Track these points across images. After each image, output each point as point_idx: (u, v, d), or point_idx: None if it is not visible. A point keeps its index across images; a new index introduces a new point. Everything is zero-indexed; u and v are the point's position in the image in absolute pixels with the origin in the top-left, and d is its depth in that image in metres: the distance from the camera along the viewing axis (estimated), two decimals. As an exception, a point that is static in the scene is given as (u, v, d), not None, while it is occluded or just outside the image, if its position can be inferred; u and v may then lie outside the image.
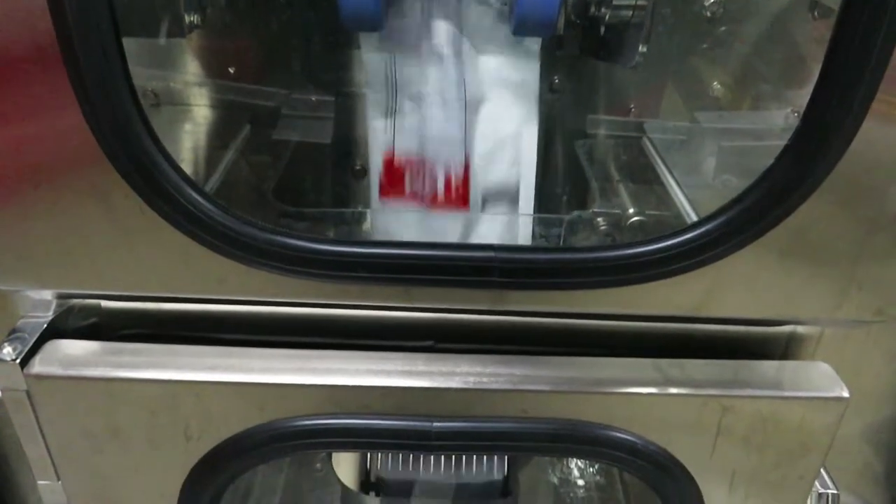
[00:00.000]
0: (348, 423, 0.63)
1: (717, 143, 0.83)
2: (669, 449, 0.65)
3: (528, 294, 0.59)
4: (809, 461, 0.66)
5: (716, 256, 0.56)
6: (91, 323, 0.68)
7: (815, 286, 0.58)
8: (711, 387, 0.63)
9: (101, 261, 0.59)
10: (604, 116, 0.96)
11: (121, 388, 0.62)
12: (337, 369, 0.63)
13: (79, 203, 0.56)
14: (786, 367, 0.65)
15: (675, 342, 0.67)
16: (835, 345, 0.68)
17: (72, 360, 0.62)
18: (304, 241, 0.56)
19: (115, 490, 0.67)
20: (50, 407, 0.63)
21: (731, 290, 0.58)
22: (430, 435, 0.63)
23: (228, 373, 0.62)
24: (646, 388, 0.63)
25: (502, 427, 0.64)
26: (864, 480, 0.79)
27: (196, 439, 0.64)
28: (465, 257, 0.55)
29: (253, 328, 0.68)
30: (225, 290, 0.60)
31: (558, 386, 0.63)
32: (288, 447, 0.64)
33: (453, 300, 0.59)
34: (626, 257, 0.55)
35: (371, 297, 0.59)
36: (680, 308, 0.59)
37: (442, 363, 0.64)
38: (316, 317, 0.67)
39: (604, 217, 0.84)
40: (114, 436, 0.64)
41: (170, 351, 0.64)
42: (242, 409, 0.63)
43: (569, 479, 1.07)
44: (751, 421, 0.63)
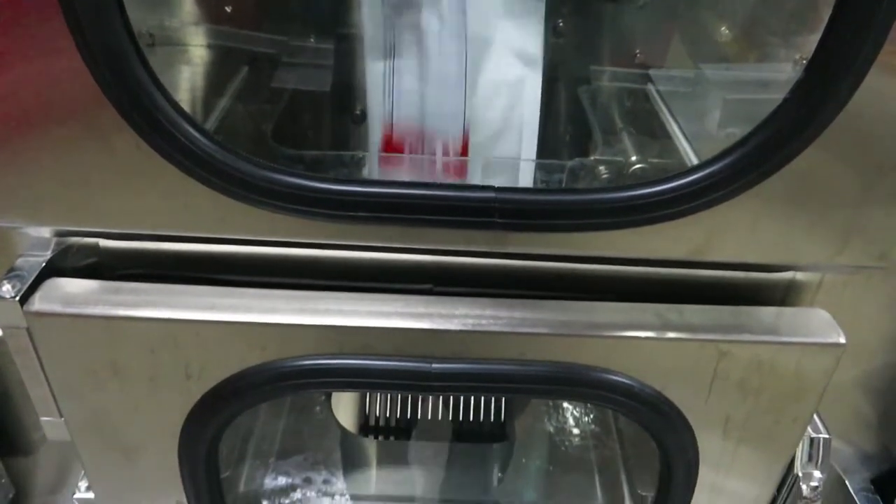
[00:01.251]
0: (348, 363, 0.63)
1: (722, 95, 0.81)
2: (666, 393, 0.66)
3: (529, 236, 0.58)
4: (803, 406, 0.67)
5: (717, 200, 0.56)
6: (90, 263, 0.68)
7: (817, 231, 0.58)
8: (709, 331, 0.63)
9: (98, 198, 0.58)
10: (608, 67, 0.94)
11: (120, 327, 0.62)
12: (337, 310, 0.63)
13: (75, 140, 0.55)
14: (784, 312, 0.65)
15: (674, 288, 0.67)
16: (834, 292, 0.68)
17: (71, 297, 0.63)
18: (303, 180, 0.55)
19: (118, 427, 0.68)
20: (50, 344, 0.64)
21: (732, 235, 0.58)
22: (430, 376, 0.64)
23: (228, 312, 0.62)
24: (644, 332, 0.63)
25: (500, 369, 0.64)
26: (855, 427, 0.80)
27: (196, 378, 0.65)
28: (465, 198, 0.55)
29: (252, 269, 0.67)
30: (223, 230, 0.59)
31: (556, 329, 0.63)
32: (288, 387, 0.65)
33: (453, 242, 0.59)
34: (628, 199, 0.54)
35: (370, 237, 0.59)
36: (680, 252, 0.59)
37: (441, 305, 0.64)
38: (315, 259, 0.67)
39: (606, 165, 0.83)
40: (114, 374, 0.65)
41: (169, 290, 0.64)
42: (242, 348, 0.63)
43: (564, 427, 1.08)
44: (747, 365, 0.64)
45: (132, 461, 0.71)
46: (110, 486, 0.74)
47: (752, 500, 0.75)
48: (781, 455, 0.71)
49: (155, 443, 0.69)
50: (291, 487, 0.96)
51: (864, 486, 0.81)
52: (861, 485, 0.81)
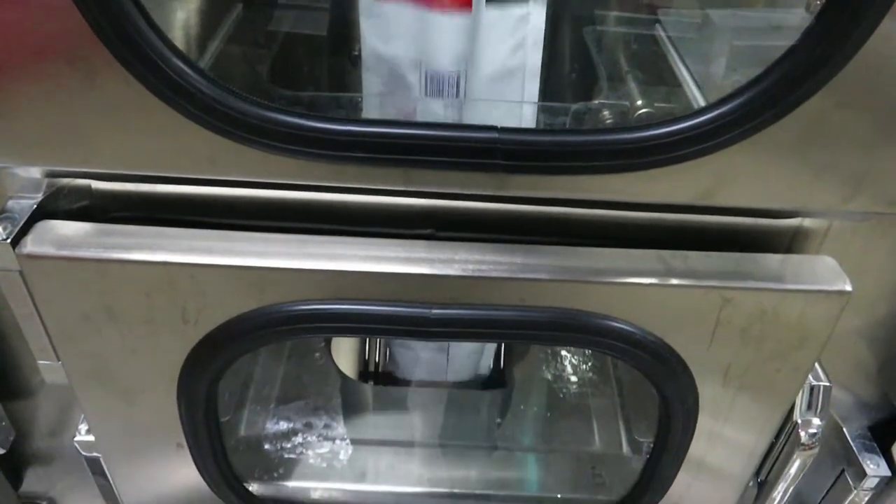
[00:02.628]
0: (347, 308, 0.63)
1: (730, 41, 0.78)
2: (667, 340, 0.65)
3: (531, 179, 0.57)
4: (805, 354, 0.66)
5: (726, 142, 0.54)
6: (82, 206, 0.67)
7: (827, 176, 0.56)
8: (713, 278, 0.62)
9: (88, 137, 0.57)
10: (614, 10, 0.91)
11: (115, 270, 0.61)
12: (336, 254, 0.62)
13: (63, 77, 0.53)
14: (789, 260, 0.64)
15: (678, 234, 0.66)
16: (841, 240, 0.67)
17: (64, 240, 0.61)
18: (299, 119, 0.53)
19: (116, 371, 0.68)
20: (44, 288, 0.63)
21: (741, 179, 0.56)
22: (429, 321, 0.63)
23: (224, 256, 0.61)
24: (647, 279, 0.62)
25: (500, 315, 0.63)
26: (856, 376, 0.80)
27: (193, 322, 0.64)
28: (466, 138, 0.53)
29: (248, 213, 0.66)
30: (216, 170, 0.58)
31: (558, 275, 0.62)
32: (286, 331, 0.64)
33: (454, 184, 0.57)
34: (636, 140, 0.53)
35: (368, 179, 0.57)
36: (687, 196, 0.58)
37: (441, 250, 0.63)
38: (313, 203, 0.65)
39: (610, 109, 0.81)
40: (111, 317, 0.64)
41: (164, 233, 0.63)
42: (239, 292, 0.62)
43: (562, 375, 1.09)
44: (751, 313, 0.63)
45: (131, 404, 0.71)
46: (110, 429, 0.74)
47: (749, 447, 0.76)
48: (781, 403, 0.71)
49: (154, 386, 0.69)
50: (293, 432, 0.97)
51: (861, 434, 0.82)
52: (858, 432, 0.82)
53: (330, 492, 0.92)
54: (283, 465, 0.93)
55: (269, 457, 0.93)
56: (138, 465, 0.79)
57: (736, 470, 0.78)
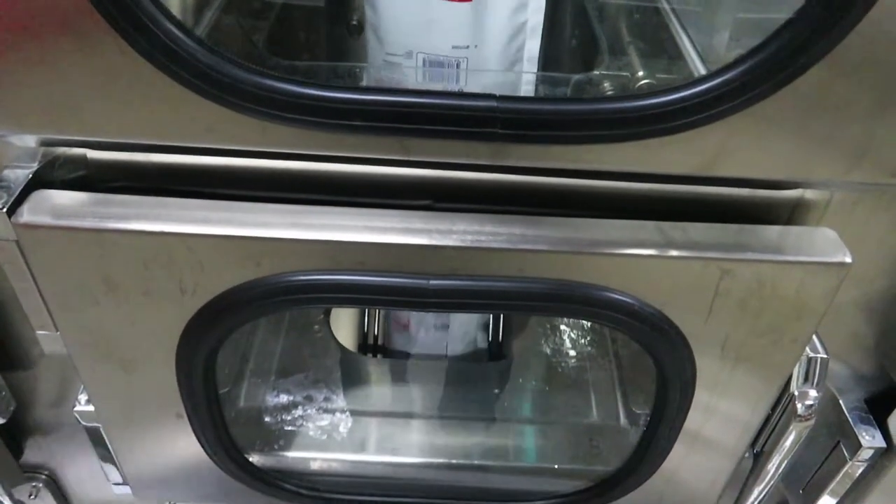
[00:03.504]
0: (345, 278, 0.63)
1: (732, 13, 0.77)
2: (665, 311, 0.65)
3: (531, 148, 0.56)
4: (804, 326, 0.66)
5: (729, 111, 0.53)
6: (78, 176, 0.66)
7: (830, 146, 0.56)
8: (712, 249, 0.62)
9: (83, 105, 0.56)
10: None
11: (112, 240, 0.61)
12: (334, 225, 0.62)
13: (56, 42, 0.52)
14: (789, 231, 0.64)
15: (678, 206, 0.66)
16: (842, 211, 0.66)
17: (60, 209, 0.61)
18: (296, 86, 0.52)
19: (114, 341, 0.68)
20: (41, 258, 0.62)
21: (742, 148, 0.56)
22: (427, 292, 0.63)
23: (221, 226, 0.61)
24: (646, 250, 0.62)
25: (499, 286, 0.63)
26: (853, 348, 0.80)
27: (191, 293, 0.64)
28: (465, 106, 0.52)
29: (245, 183, 0.66)
30: (213, 139, 0.57)
31: (557, 246, 0.62)
32: (283, 302, 0.64)
33: (452, 153, 0.57)
34: (638, 109, 0.52)
35: (367, 148, 0.57)
36: (687, 166, 0.57)
37: (439, 221, 0.63)
38: (310, 173, 0.65)
39: (611, 80, 0.80)
40: (108, 288, 0.64)
41: (161, 203, 0.62)
42: (236, 263, 0.62)
43: (561, 349, 1.09)
44: (749, 284, 0.63)
45: (130, 374, 0.71)
46: (109, 399, 0.75)
47: (746, 419, 0.76)
48: (778, 375, 0.71)
49: (152, 356, 0.69)
50: (293, 405, 0.97)
51: (857, 406, 0.82)
52: (854, 404, 0.82)
53: (329, 462, 0.93)
54: (284, 437, 0.93)
55: (270, 429, 0.94)
56: (138, 435, 0.79)
57: (732, 441, 0.79)
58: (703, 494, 0.86)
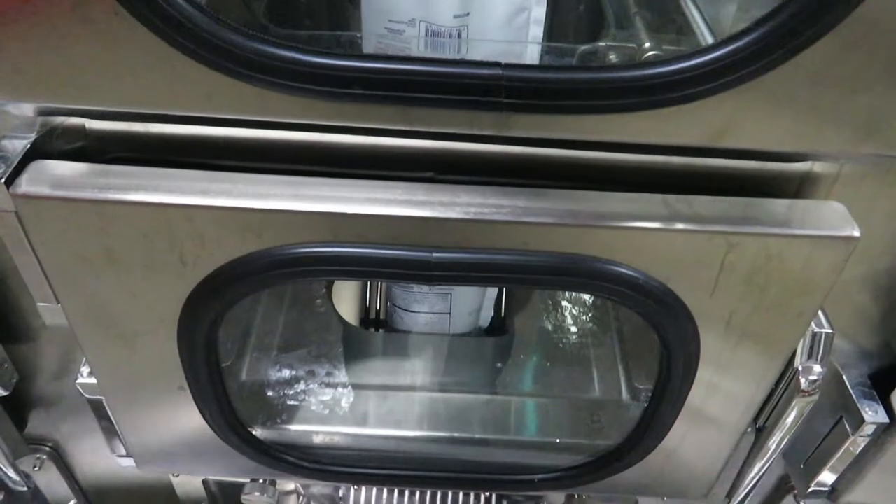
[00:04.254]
0: (347, 251, 0.62)
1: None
2: (670, 286, 0.64)
3: (536, 118, 0.55)
4: (809, 301, 0.66)
5: (739, 80, 0.52)
6: (77, 147, 0.66)
7: (841, 117, 0.55)
8: (719, 223, 0.61)
9: (81, 72, 0.55)
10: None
11: (111, 211, 0.60)
12: (336, 196, 0.61)
13: (53, 7, 0.51)
14: (797, 205, 0.63)
15: (684, 179, 0.65)
16: (851, 185, 0.65)
17: (59, 180, 0.60)
18: (295, 53, 0.51)
19: (115, 313, 0.68)
20: (40, 229, 0.62)
21: (751, 119, 0.55)
22: (430, 265, 0.62)
23: (222, 197, 0.60)
24: (651, 223, 0.61)
25: (502, 259, 0.63)
26: (858, 324, 0.79)
27: (192, 265, 0.64)
28: (469, 74, 0.51)
29: (244, 155, 0.65)
30: (212, 108, 0.56)
31: (561, 218, 0.61)
32: (285, 274, 0.64)
33: (455, 123, 0.56)
34: (645, 78, 0.51)
35: (368, 118, 0.56)
36: (695, 137, 0.56)
37: (442, 193, 0.62)
38: (311, 144, 0.64)
39: (617, 51, 0.78)
40: (108, 259, 0.63)
41: (161, 174, 0.61)
42: (237, 235, 0.62)
43: (562, 324, 1.09)
44: (755, 258, 0.62)
45: (132, 347, 0.71)
46: (111, 371, 0.75)
47: (749, 394, 0.76)
48: (783, 350, 0.71)
49: (154, 329, 0.69)
50: (295, 379, 0.97)
51: (860, 382, 0.82)
52: (858, 380, 0.82)
53: (332, 436, 0.93)
54: (286, 411, 0.93)
55: (272, 403, 0.94)
56: (140, 408, 0.79)
57: (734, 416, 0.78)
58: (705, 469, 0.87)
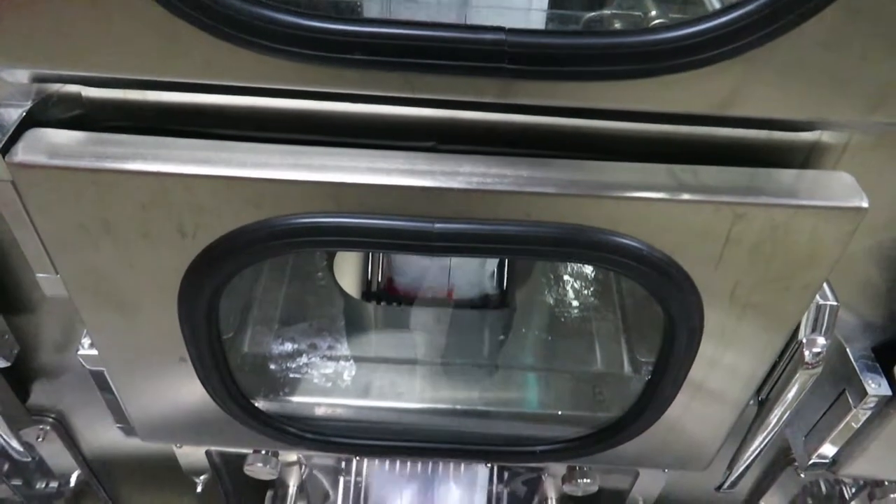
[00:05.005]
0: (348, 221, 0.61)
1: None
2: (675, 257, 0.64)
3: (539, 85, 0.54)
4: (815, 272, 0.65)
5: (748, 46, 0.51)
6: (74, 116, 0.65)
7: (851, 84, 0.54)
8: (725, 193, 0.60)
9: (76, 37, 0.53)
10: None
11: (108, 180, 0.59)
12: (336, 166, 0.60)
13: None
14: (805, 175, 0.62)
15: (691, 148, 0.64)
16: (859, 156, 0.64)
17: (56, 148, 0.59)
18: (294, 17, 0.50)
19: (115, 284, 0.67)
20: (37, 198, 0.61)
21: (762, 85, 0.53)
22: (432, 236, 0.62)
23: (221, 166, 0.59)
24: (656, 193, 0.60)
25: (505, 230, 0.62)
26: (863, 297, 0.79)
27: (191, 236, 0.63)
28: (472, 39, 0.50)
29: (244, 124, 0.64)
30: (211, 74, 0.55)
31: (564, 189, 0.60)
32: (285, 245, 0.63)
33: (458, 91, 0.55)
34: (653, 43, 0.49)
35: (369, 85, 0.55)
36: (703, 105, 0.55)
37: (444, 163, 0.61)
38: (312, 113, 0.63)
39: (623, 19, 0.77)
40: (106, 229, 0.63)
41: (159, 143, 0.61)
42: (236, 204, 0.61)
43: (565, 298, 1.08)
44: (762, 229, 0.61)
45: (132, 318, 0.70)
46: (112, 342, 0.74)
47: (752, 367, 0.76)
48: (787, 322, 0.70)
49: (154, 300, 0.68)
50: (297, 353, 0.97)
51: (864, 354, 0.82)
52: (861, 352, 0.82)
53: (334, 408, 0.94)
54: (289, 384, 0.93)
55: (275, 376, 0.94)
56: (142, 379, 0.79)
57: (736, 389, 0.78)
58: (706, 441, 0.87)
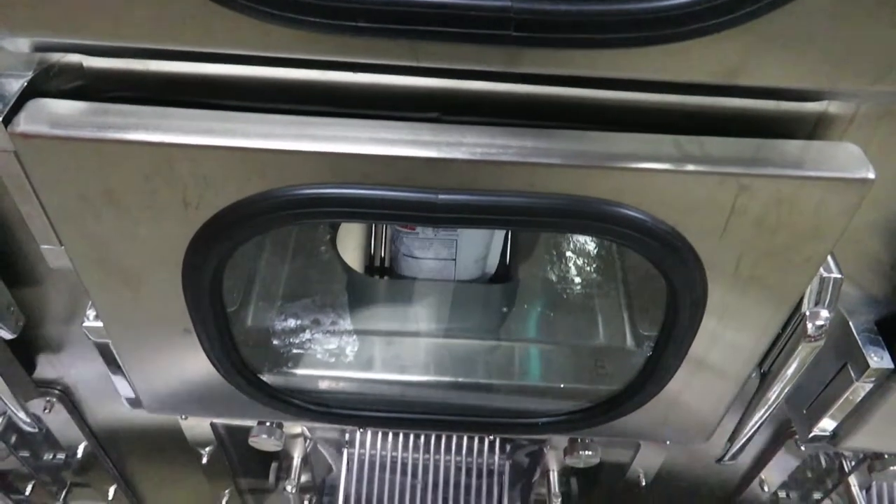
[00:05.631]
0: (351, 192, 0.61)
1: None
2: (679, 229, 0.64)
3: (546, 53, 0.53)
4: (819, 245, 0.65)
5: (759, 11, 0.50)
6: (75, 86, 0.64)
7: (861, 52, 0.53)
8: (730, 164, 0.60)
9: (77, 5, 0.53)
10: None
11: (111, 150, 0.59)
12: (341, 136, 0.60)
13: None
14: (811, 146, 0.62)
15: (696, 119, 0.63)
16: (866, 128, 0.64)
17: (58, 118, 0.59)
18: (297, -17, 0.49)
19: (119, 255, 0.68)
20: (40, 169, 0.61)
21: (772, 53, 0.53)
22: (436, 207, 0.61)
23: (224, 137, 0.59)
24: (661, 164, 0.60)
25: (509, 201, 0.62)
26: (867, 270, 0.79)
27: (195, 207, 0.63)
28: (477, 6, 0.49)
29: (247, 94, 0.63)
30: (212, 43, 0.54)
31: (569, 159, 0.60)
32: (290, 216, 0.63)
33: (463, 59, 0.54)
34: (664, 9, 0.49)
35: (373, 53, 0.54)
36: (711, 73, 0.54)
37: (448, 133, 0.60)
38: (315, 83, 0.62)
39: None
40: (110, 201, 0.63)
41: (162, 113, 0.60)
42: (240, 175, 0.61)
43: (567, 272, 1.08)
44: (767, 201, 0.61)
45: (136, 289, 0.70)
46: (117, 314, 0.75)
47: (754, 340, 0.76)
48: (790, 295, 0.71)
49: (158, 271, 0.69)
50: (300, 328, 0.98)
51: (867, 328, 0.82)
52: (864, 326, 0.82)
53: (337, 381, 0.94)
54: (292, 359, 0.94)
55: (278, 352, 0.94)
56: (147, 351, 0.80)
57: (738, 362, 0.79)
58: (708, 414, 0.87)
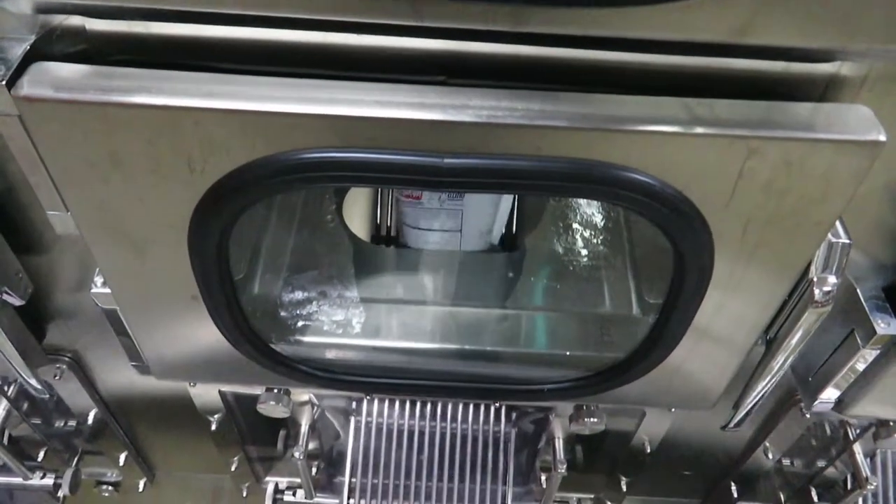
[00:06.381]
0: (357, 155, 0.61)
1: None
2: (686, 193, 0.63)
3: (552, 12, 0.53)
4: (829, 209, 0.64)
5: (770, -33, 0.49)
6: (78, 50, 0.64)
7: (876, 7, 0.52)
8: (739, 127, 0.59)
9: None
10: None
11: (115, 113, 0.59)
12: (346, 100, 0.59)
13: None
14: (821, 108, 0.61)
15: (705, 81, 0.62)
16: (877, 90, 0.63)
17: (62, 82, 0.59)
18: (301, -60, 0.49)
19: (125, 221, 0.68)
20: (45, 133, 0.61)
21: (780, 10, 0.52)
22: (441, 171, 0.61)
23: (228, 100, 0.59)
24: (669, 127, 0.59)
25: (515, 164, 0.61)
26: (875, 236, 0.78)
27: (200, 171, 0.63)
28: (483, -38, 0.49)
29: (250, 57, 0.63)
30: (212, 1, 0.54)
31: (576, 122, 0.59)
32: (295, 180, 0.63)
33: (468, 18, 0.53)
34: (669, -36, 0.48)
35: (376, 12, 0.53)
36: (720, 32, 0.53)
37: (454, 96, 0.60)
38: (318, 45, 0.62)
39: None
40: (115, 165, 0.62)
41: (165, 76, 0.60)
42: (245, 139, 0.60)
43: (574, 242, 1.08)
44: (776, 164, 0.60)
45: (143, 255, 0.71)
46: (124, 280, 0.75)
47: (760, 306, 0.76)
48: (798, 260, 0.70)
49: (164, 236, 0.69)
50: (307, 300, 0.98)
51: (874, 295, 0.81)
52: (872, 293, 0.82)
53: (345, 350, 0.95)
54: (299, 330, 0.94)
55: (285, 323, 0.95)
56: (155, 318, 0.80)
57: (744, 328, 0.78)
58: (713, 381, 0.88)
